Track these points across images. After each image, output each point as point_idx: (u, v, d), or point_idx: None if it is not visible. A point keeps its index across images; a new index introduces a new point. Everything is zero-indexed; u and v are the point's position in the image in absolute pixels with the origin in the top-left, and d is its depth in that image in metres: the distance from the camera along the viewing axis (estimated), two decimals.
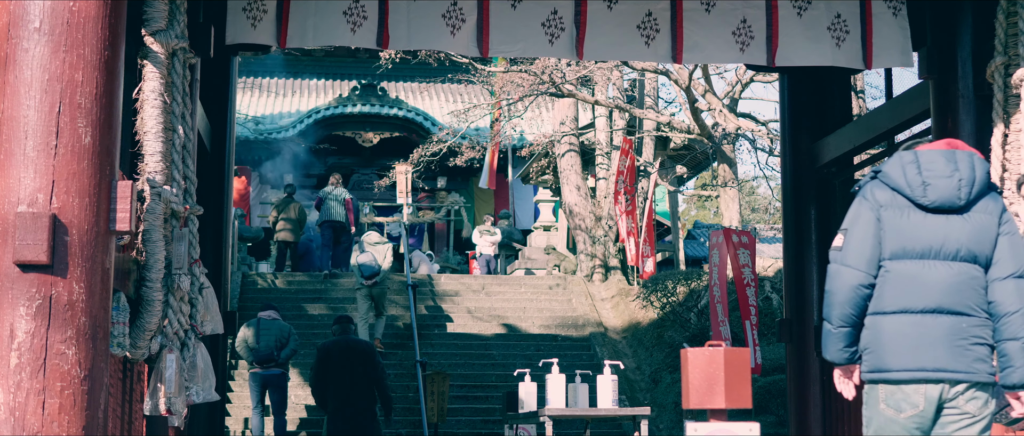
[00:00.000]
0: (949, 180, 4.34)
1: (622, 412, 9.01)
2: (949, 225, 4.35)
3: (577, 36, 7.36)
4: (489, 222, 23.51)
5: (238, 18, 7.13)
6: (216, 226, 8.50)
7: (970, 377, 4.26)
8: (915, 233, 4.34)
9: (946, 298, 4.30)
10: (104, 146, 4.84)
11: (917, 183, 4.36)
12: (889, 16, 7.55)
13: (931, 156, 4.40)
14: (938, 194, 4.34)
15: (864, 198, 4.44)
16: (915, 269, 4.33)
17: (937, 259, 4.33)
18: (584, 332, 17.69)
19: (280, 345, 13.06)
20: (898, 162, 4.42)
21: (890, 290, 4.34)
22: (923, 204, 4.35)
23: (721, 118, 19.81)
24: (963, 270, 4.33)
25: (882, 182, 4.44)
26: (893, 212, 4.36)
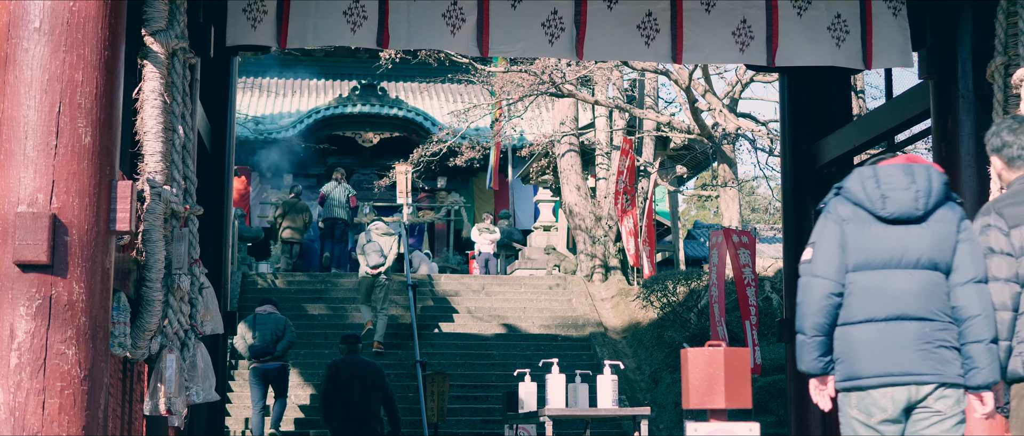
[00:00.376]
0: (907, 192, 4.52)
1: (622, 412, 9.01)
2: (909, 235, 4.51)
3: (577, 36, 7.36)
4: (488, 221, 23.51)
5: (238, 19, 7.13)
6: (216, 226, 8.50)
7: (938, 378, 4.40)
8: (877, 244, 4.51)
9: (910, 305, 4.46)
10: (104, 146, 4.84)
11: (876, 196, 4.54)
12: (889, 16, 7.55)
13: (889, 171, 4.59)
14: (896, 206, 4.52)
15: (828, 213, 4.64)
16: (878, 279, 4.49)
17: (899, 268, 4.49)
18: (584, 332, 17.69)
19: (276, 338, 13.09)
20: (858, 178, 4.62)
21: (856, 301, 4.50)
22: (883, 216, 4.52)
23: (721, 118, 19.81)
24: (925, 277, 4.48)
25: (844, 197, 4.63)
26: (855, 225, 4.54)
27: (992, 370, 4.44)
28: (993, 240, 4.67)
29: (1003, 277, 4.61)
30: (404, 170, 23.31)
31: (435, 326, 17.76)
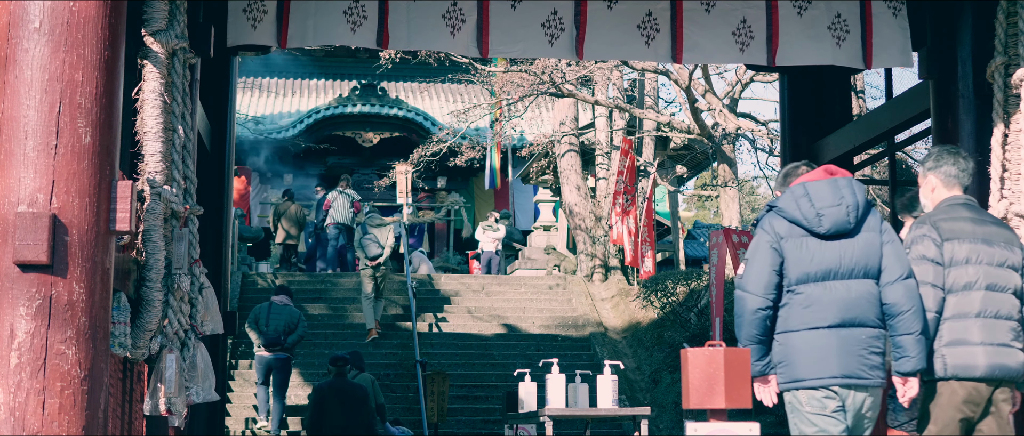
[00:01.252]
0: (838, 208, 4.95)
1: (622, 412, 9.00)
2: (843, 248, 4.95)
3: (577, 36, 7.35)
4: (492, 218, 23.52)
5: (238, 19, 7.13)
6: (216, 226, 8.49)
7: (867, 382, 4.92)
8: (814, 259, 4.94)
9: (850, 311, 4.93)
10: (104, 146, 4.84)
11: (812, 214, 4.95)
12: (889, 16, 7.54)
13: (818, 188, 5.01)
14: (832, 222, 4.94)
15: (764, 230, 5.04)
16: (818, 291, 4.94)
17: (836, 279, 4.94)
18: (584, 332, 17.69)
19: (288, 330, 13.41)
20: (791, 196, 5.03)
21: (797, 311, 4.96)
22: (819, 233, 4.94)
23: (721, 118, 19.81)
24: (860, 286, 4.94)
25: (779, 215, 5.03)
26: (793, 242, 4.96)
27: (920, 359, 4.94)
28: (925, 249, 5.18)
29: (930, 282, 5.11)
30: (404, 170, 23.31)
31: (435, 326, 17.76)
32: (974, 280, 5.18)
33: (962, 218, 5.30)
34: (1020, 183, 6.23)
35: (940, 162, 5.49)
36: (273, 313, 13.48)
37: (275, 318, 13.43)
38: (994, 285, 5.21)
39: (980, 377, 5.11)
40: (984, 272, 5.20)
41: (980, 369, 5.11)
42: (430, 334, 17.31)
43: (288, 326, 13.44)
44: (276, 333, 13.36)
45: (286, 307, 13.66)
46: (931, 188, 5.51)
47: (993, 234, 5.31)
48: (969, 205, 5.41)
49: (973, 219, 5.31)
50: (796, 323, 4.97)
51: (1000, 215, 6.22)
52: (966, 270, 5.19)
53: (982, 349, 5.12)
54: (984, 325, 5.15)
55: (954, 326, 5.15)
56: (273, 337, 13.36)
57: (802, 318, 4.95)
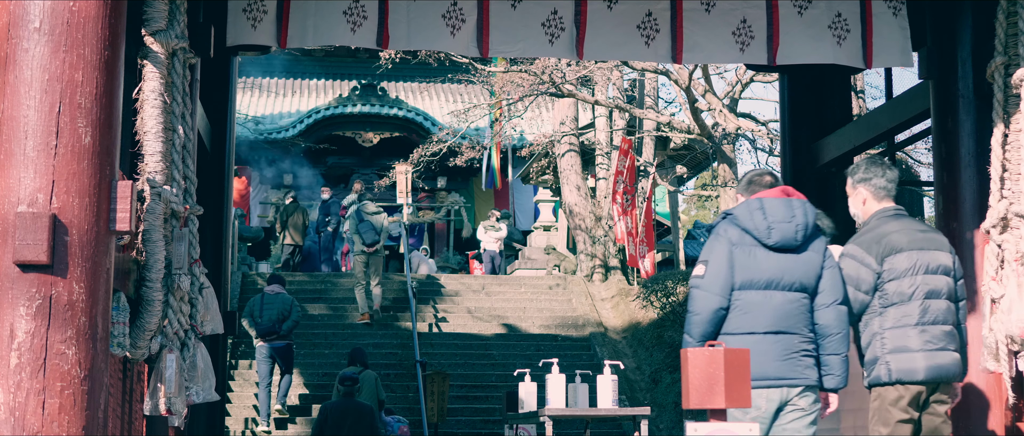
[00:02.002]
0: (789, 225, 5.29)
1: (622, 412, 9.00)
2: (787, 262, 5.28)
3: (577, 36, 7.34)
4: (494, 218, 23.52)
5: (238, 19, 7.12)
6: (216, 226, 8.49)
7: (803, 382, 5.23)
8: (759, 268, 5.25)
9: (782, 322, 5.25)
10: (104, 146, 4.83)
11: (763, 227, 5.28)
12: (889, 16, 7.54)
13: (773, 204, 5.33)
14: (780, 236, 5.27)
15: (719, 235, 5.35)
16: (759, 298, 5.25)
17: (776, 289, 5.27)
18: (584, 332, 17.69)
19: (282, 318, 13.68)
20: (746, 208, 5.35)
21: (739, 315, 5.26)
22: (768, 244, 5.28)
23: (721, 118, 19.81)
24: (796, 298, 5.28)
25: (733, 223, 5.35)
26: (742, 250, 5.28)
27: (843, 378, 5.32)
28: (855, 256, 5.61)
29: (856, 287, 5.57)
30: (404, 170, 23.30)
31: (435, 326, 17.76)
32: (913, 290, 5.56)
33: (897, 231, 5.65)
34: (1020, 183, 6.23)
35: (869, 174, 5.77)
36: (266, 303, 13.73)
37: (268, 308, 13.68)
38: (931, 293, 5.58)
39: (921, 381, 5.52)
40: (922, 281, 5.58)
41: (920, 373, 5.51)
42: (430, 334, 17.31)
43: (281, 314, 13.68)
44: (271, 322, 13.62)
45: (279, 296, 13.90)
46: (862, 200, 5.80)
47: (926, 241, 5.66)
48: (900, 216, 5.74)
49: (907, 230, 5.67)
50: (735, 327, 5.27)
51: (1000, 215, 6.23)
52: (905, 281, 5.57)
53: (921, 355, 5.52)
54: (923, 332, 5.54)
55: (896, 334, 5.54)
56: (268, 326, 13.61)
57: (740, 322, 5.26)
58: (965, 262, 6.79)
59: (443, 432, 14.21)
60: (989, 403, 6.54)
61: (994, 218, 6.27)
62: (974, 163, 6.84)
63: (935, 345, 5.55)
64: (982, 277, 6.45)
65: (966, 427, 6.61)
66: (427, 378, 14.16)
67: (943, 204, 7.01)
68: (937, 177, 7.16)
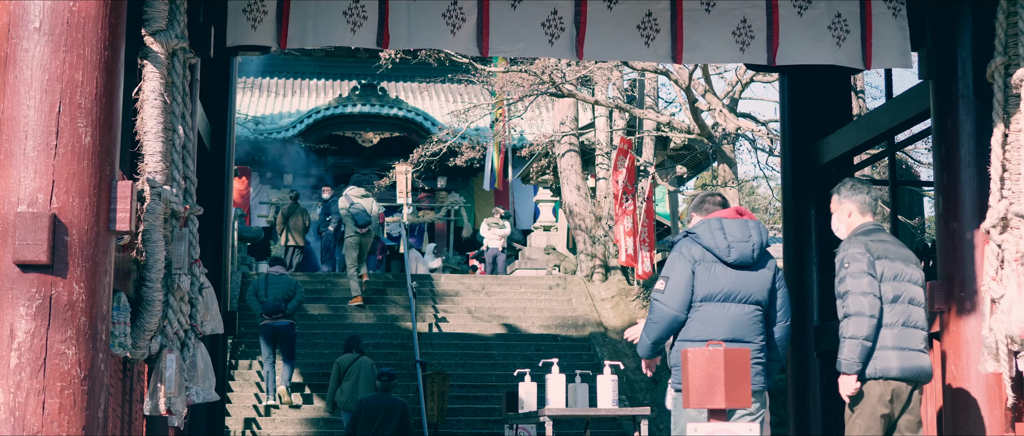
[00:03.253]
0: (746, 244, 5.90)
1: (622, 412, 9.00)
2: (743, 277, 5.89)
3: (577, 36, 7.34)
4: (498, 215, 23.54)
5: (238, 19, 7.11)
6: (216, 226, 8.49)
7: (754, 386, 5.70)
8: (718, 282, 5.85)
9: (738, 331, 5.85)
10: (104, 146, 4.83)
11: (724, 246, 5.87)
12: (889, 16, 7.53)
13: (732, 225, 5.94)
14: (739, 254, 5.87)
15: (681, 253, 5.91)
16: (717, 310, 5.85)
17: (733, 302, 5.86)
18: (584, 332, 17.69)
19: (287, 298, 14.34)
20: (707, 228, 5.94)
21: (695, 324, 5.86)
22: (727, 261, 5.86)
23: (721, 118, 19.81)
24: (751, 310, 5.89)
25: (694, 241, 5.93)
26: (704, 266, 5.87)
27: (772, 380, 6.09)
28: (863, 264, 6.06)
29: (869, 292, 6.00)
30: (404, 170, 23.30)
31: (435, 326, 17.76)
32: (894, 295, 6.07)
33: (881, 241, 6.18)
34: (1020, 183, 6.22)
35: (855, 191, 6.39)
36: (271, 283, 14.37)
37: (273, 288, 14.32)
38: (909, 299, 6.11)
39: (895, 377, 6.01)
40: (903, 288, 6.10)
41: (894, 371, 6.00)
42: (430, 334, 17.31)
43: (286, 294, 14.33)
44: (276, 301, 14.23)
45: (282, 276, 14.63)
46: (847, 213, 6.40)
47: (905, 255, 6.23)
48: (881, 229, 6.35)
49: (889, 241, 6.25)
50: (693, 334, 5.84)
51: (1000, 215, 6.23)
52: (888, 286, 6.07)
53: (896, 353, 6.01)
54: (899, 333, 6.04)
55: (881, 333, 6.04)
56: (273, 305, 14.21)
57: (699, 331, 5.83)
58: (965, 262, 6.80)
59: (443, 432, 14.21)
60: (989, 403, 6.54)
61: (994, 218, 6.27)
62: (974, 163, 6.84)
63: (910, 346, 6.05)
64: (982, 277, 6.44)
65: (966, 427, 6.61)
66: (427, 378, 14.17)
67: (943, 204, 7.00)
68: (937, 177, 7.16)
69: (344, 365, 13.53)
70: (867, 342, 5.99)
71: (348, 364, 13.53)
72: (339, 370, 13.50)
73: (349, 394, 13.39)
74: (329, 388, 13.78)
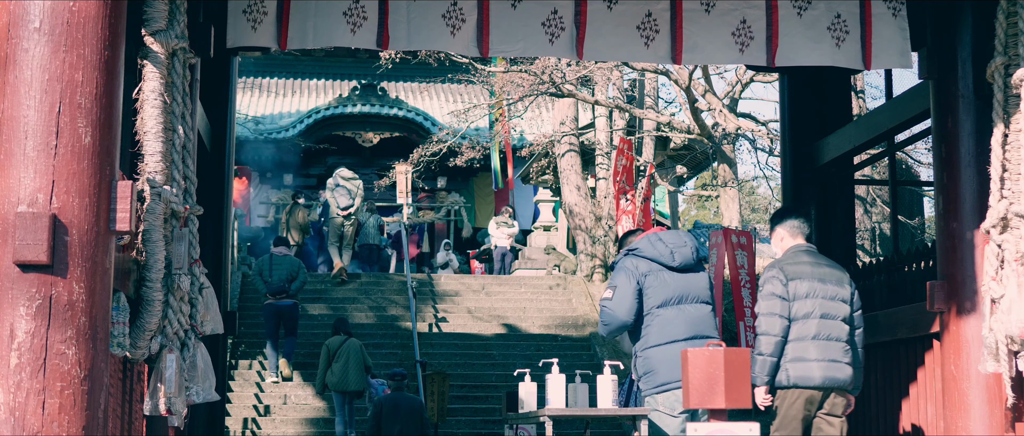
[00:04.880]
0: (685, 248, 6.56)
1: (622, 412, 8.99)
2: (689, 279, 6.53)
3: (577, 36, 7.33)
4: (506, 214, 23.54)
5: (238, 19, 7.10)
6: (216, 226, 8.49)
7: None
8: (670, 287, 6.46)
9: (695, 330, 6.44)
10: (104, 146, 4.83)
11: (667, 252, 6.53)
12: (889, 16, 7.52)
13: (667, 234, 6.66)
14: (681, 258, 6.52)
15: (625, 269, 6.53)
16: (673, 313, 6.45)
17: (686, 303, 6.47)
18: (584, 332, 17.69)
19: (291, 278, 14.96)
20: (647, 241, 6.59)
21: (657, 329, 6.46)
22: (672, 266, 6.50)
23: (721, 118, 19.81)
24: (702, 309, 6.51)
25: (638, 256, 6.55)
26: (652, 275, 6.49)
27: None
28: (774, 288, 6.68)
29: (777, 313, 6.63)
30: (404, 170, 23.30)
31: (435, 326, 17.75)
32: (811, 310, 6.64)
33: (803, 262, 6.78)
34: (1020, 183, 6.23)
35: (784, 218, 7.10)
36: (275, 264, 14.97)
37: (277, 268, 14.91)
38: (827, 314, 6.67)
39: (816, 386, 6.59)
40: (819, 304, 6.67)
41: (816, 380, 6.59)
42: (430, 334, 17.30)
43: (290, 274, 14.93)
44: (280, 281, 14.86)
45: (286, 257, 15.20)
46: (780, 238, 7.05)
47: (827, 274, 6.79)
48: (809, 251, 6.93)
49: (812, 262, 6.81)
50: (655, 339, 6.43)
51: (1000, 215, 6.23)
52: (805, 303, 6.65)
53: (817, 364, 6.59)
54: (819, 345, 6.62)
55: (796, 346, 6.62)
56: (278, 285, 14.84)
57: (661, 334, 6.42)
58: (965, 262, 6.80)
59: (443, 432, 14.21)
60: (989, 403, 6.54)
61: (994, 218, 6.27)
62: (974, 163, 6.84)
63: (830, 357, 6.62)
64: (982, 277, 6.45)
65: (966, 427, 6.61)
66: (427, 378, 14.17)
67: (943, 204, 7.00)
68: (937, 177, 7.16)
69: (334, 347, 13.90)
70: (772, 357, 6.61)
71: (337, 346, 13.87)
72: (329, 352, 13.86)
73: (339, 375, 13.72)
74: (319, 370, 14.08)
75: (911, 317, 7.40)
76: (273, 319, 14.94)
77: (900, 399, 7.68)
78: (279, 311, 14.91)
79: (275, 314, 14.91)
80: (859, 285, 8.39)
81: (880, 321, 7.85)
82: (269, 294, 14.93)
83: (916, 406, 7.47)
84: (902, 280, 7.82)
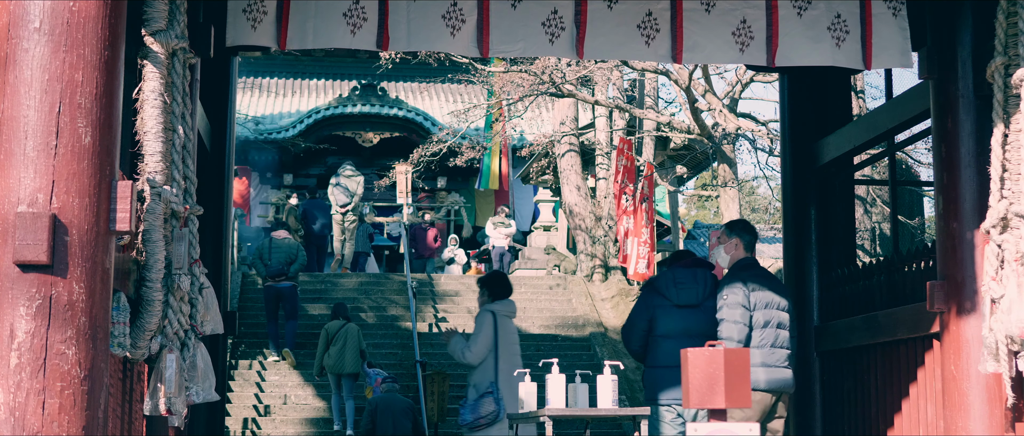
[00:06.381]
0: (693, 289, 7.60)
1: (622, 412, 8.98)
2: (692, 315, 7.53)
3: (577, 36, 7.33)
4: (503, 214, 23.53)
5: (238, 20, 7.10)
6: (216, 226, 8.49)
7: None
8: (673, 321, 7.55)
9: None
10: (104, 146, 4.83)
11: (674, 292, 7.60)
12: (889, 16, 7.52)
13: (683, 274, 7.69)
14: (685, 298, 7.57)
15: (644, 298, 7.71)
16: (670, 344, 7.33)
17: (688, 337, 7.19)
18: (584, 332, 17.69)
19: (289, 261, 15.41)
20: (664, 279, 7.72)
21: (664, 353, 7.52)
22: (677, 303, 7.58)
23: (721, 118, 19.81)
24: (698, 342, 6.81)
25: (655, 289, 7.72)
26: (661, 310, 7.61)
27: None
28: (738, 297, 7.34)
29: (740, 321, 7.28)
30: (404, 170, 23.31)
31: (435, 326, 17.75)
32: (765, 320, 7.33)
33: (757, 276, 7.48)
34: (1020, 183, 6.22)
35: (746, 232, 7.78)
36: (274, 248, 15.43)
37: (276, 252, 15.37)
38: (777, 323, 7.38)
39: (762, 389, 7.22)
40: (772, 314, 7.37)
41: (762, 384, 7.23)
42: (430, 334, 17.30)
43: (289, 257, 15.38)
44: (279, 264, 15.33)
45: (285, 240, 15.62)
46: (735, 245, 7.69)
47: (774, 285, 7.50)
48: (756, 264, 7.68)
49: (762, 275, 7.55)
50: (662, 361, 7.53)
51: (1000, 215, 6.22)
52: (760, 313, 7.33)
53: (763, 370, 7.27)
54: (766, 353, 7.32)
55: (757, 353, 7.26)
56: (277, 268, 15.32)
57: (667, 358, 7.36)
58: (965, 262, 6.80)
59: (443, 432, 14.22)
60: (989, 403, 6.54)
61: (994, 218, 6.27)
62: (974, 163, 6.84)
63: (775, 363, 7.34)
64: (982, 277, 6.44)
65: (966, 427, 6.61)
66: (427, 378, 14.17)
67: (943, 204, 7.00)
68: (937, 177, 7.15)
69: (332, 331, 14.27)
70: None
71: (336, 330, 14.23)
72: (327, 336, 14.27)
73: (336, 359, 14.10)
74: (317, 353, 14.43)
75: (911, 317, 7.40)
76: (273, 301, 15.46)
77: (900, 399, 7.68)
78: (279, 293, 15.40)
79: (274, 296, 15.42)
80: (859, 285, 8.40)
81: (880, 321, 7.85)
82: (268, 277, 15.39)
83: (916, 406, 7.47)
84: (902, 280, 7.81)
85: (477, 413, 8.91)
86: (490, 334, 9.03)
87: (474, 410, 8.92)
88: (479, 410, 8.90)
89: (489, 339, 9.02)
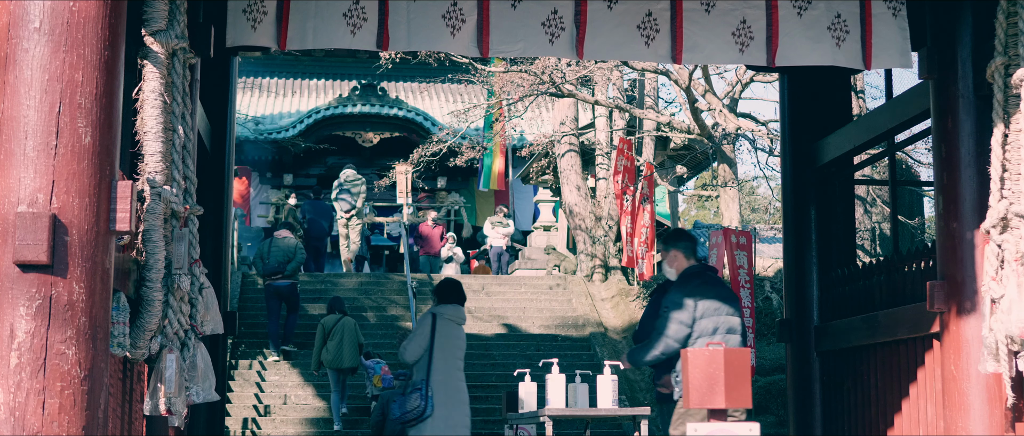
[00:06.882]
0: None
1: (622, 412, 9.00)
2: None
3: (577, 36, 7.33)
4: (501, 214, 23.53)
5: (238, 20, 7.10)
6: (216, 226, 8.49)
7: None
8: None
9: None
10: (104, 146, 4.83)
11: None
12: (889, 16, 7.52)
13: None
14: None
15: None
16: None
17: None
18: (584, 332, 17.69)
19: (287, 260, 15.72)
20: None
21: None
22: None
23: (721, 118, 19.81)
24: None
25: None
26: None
27: None
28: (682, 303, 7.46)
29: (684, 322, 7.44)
30: (404, 170, 23.30)
31: None
32: (714, 327, 7.45)
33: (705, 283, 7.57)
34: (1020, 183, 6.22)
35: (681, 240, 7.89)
36: (274, 247, 15.80)
37: (275, 251, 15.75)
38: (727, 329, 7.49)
39: None
40: (721, 321, 7.49)
41: None
42: None
43: (287, 256, 15.72)
44: (277, 263, 15.63)
45: (286, 239, 15.90)
46: (674, 257, 7.79)
47: (720, 293, 7.60)
48: (703, 271, 7.72)
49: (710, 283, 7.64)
50: None
51: (1000, 215, 6.22)
52: (707, 321, 7.45)
53: None
54: None
55: None
56: (275, 267, 15.65)
57: None
58: (965, 262, 6.80)
59: None
60: (989, 403, 6.54)
61: (994, 218, 6.27)
62: (974, 163, 6.84)
63: None
64: (982, 277, 6.44)
65: (966, 427, 6.61)
66: None
67: (943, 204, 7.00)
68: (937, 177, 7.15)
69: (329, 326, 14.46)
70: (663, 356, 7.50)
71: (332, 325, 14.42)
72: (324, 331, 14.45)
73: (334, 353, 14.27)
74: (314, 348, 14.58)
75: (911, 317, 7.40)
76: (273, 299, 15.75)
77: (900, 399, 7.68)
78: (278, 291, 15.70)
79: (275, 294, 15.72)
80: (859, 285, 8.40)
81: (880, 321, 7.85)
82: (266, 275, 15.69)
83: (916, 406, 7.47)
84: (902, 280, 7.82)
85: (404, 408, 9.38)
86: (426, 334, 9.52)
87: (402, 405, 9.41)
88: (406, 405, 9.36)
89: (425, 339, 9.51)
